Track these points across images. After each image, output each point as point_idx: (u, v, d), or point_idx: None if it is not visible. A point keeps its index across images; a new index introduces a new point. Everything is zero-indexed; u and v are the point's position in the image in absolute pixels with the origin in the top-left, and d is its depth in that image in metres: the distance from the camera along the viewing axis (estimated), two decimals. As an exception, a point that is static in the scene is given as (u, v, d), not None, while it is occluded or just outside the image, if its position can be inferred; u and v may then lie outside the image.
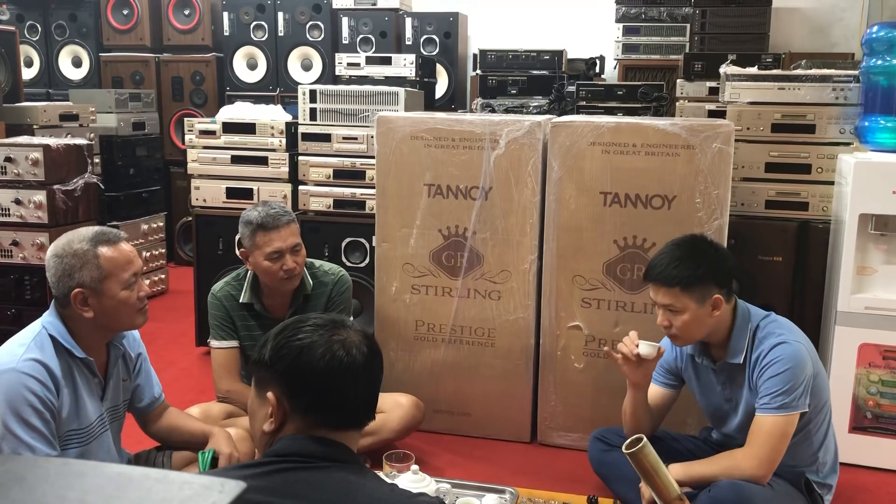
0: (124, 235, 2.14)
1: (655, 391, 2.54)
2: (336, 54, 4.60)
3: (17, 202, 3.49)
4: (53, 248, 2.06)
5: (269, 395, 1.43)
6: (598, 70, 5.34)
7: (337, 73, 4.45)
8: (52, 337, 2.02)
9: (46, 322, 2.05)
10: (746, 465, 2.21)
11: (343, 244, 3.81)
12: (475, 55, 5.26)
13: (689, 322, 2.28)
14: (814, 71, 3.39)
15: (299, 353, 1.41)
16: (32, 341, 1.99)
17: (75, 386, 2.04)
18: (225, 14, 5.87)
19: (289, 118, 4.10)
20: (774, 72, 3.52)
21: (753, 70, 3.48)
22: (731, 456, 2.28)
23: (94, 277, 2.02)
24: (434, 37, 5.73)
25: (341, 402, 1.43)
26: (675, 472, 2.22)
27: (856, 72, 3.28)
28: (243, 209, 2.87)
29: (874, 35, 3.07)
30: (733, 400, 2.39)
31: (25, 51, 5.96)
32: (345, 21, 5.72)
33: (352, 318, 2.85)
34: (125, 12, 6.04)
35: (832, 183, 3.32)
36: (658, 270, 2.29)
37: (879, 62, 3.04)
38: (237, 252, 2.90)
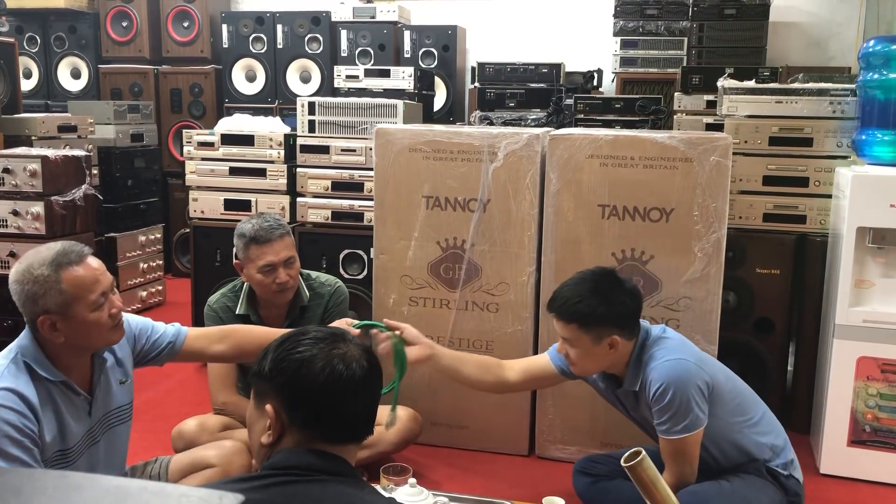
0: (88, 250, 1.98)
1: (546, 365, 2.55)
2: (335, 67, 4.61)
3: (15, 213, 3.49)
4: (14, 273, 1.92)
5: (268, 407, 1.42)
6: (595, 83, 5.37)
7: (336, 85, 4.47)
8: (26, 363, 1.92)
9: (21, 346, 1.95)
10: (675, 480, 2.24)
11: (341, 256, 3.81)
12: (473, 68, 5.28)
13: (583, 356, 2.31)
14: (811, 84, 3.40)
15: (299, 366, 1.41)
16: (6, 369, 1.89)
17: (57, 409, 1.95)
18: (224, 26, 5.88)
19: (287, 130, 4.11)
20: (772, 85, 3.53)
21: (751, 83, 3.49)
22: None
23: (59, 303, 1.89)
24: (433, 50, 5.75)
25: (340, 416, 1.42)
26: None
27: (853, 85, 3.29)
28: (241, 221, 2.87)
29: (871, 49, 3.09)
30: (646, 421, 2.40)
31: (24, 62, 5.97)
32: (343, 34, 5.74)
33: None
34: (124, 24, 6.05)
35: (830, 196, 3.33)
36: (558, 304, 2.30)
37: (876, 76, 3.06)
38: (233, 263, 2.90)
